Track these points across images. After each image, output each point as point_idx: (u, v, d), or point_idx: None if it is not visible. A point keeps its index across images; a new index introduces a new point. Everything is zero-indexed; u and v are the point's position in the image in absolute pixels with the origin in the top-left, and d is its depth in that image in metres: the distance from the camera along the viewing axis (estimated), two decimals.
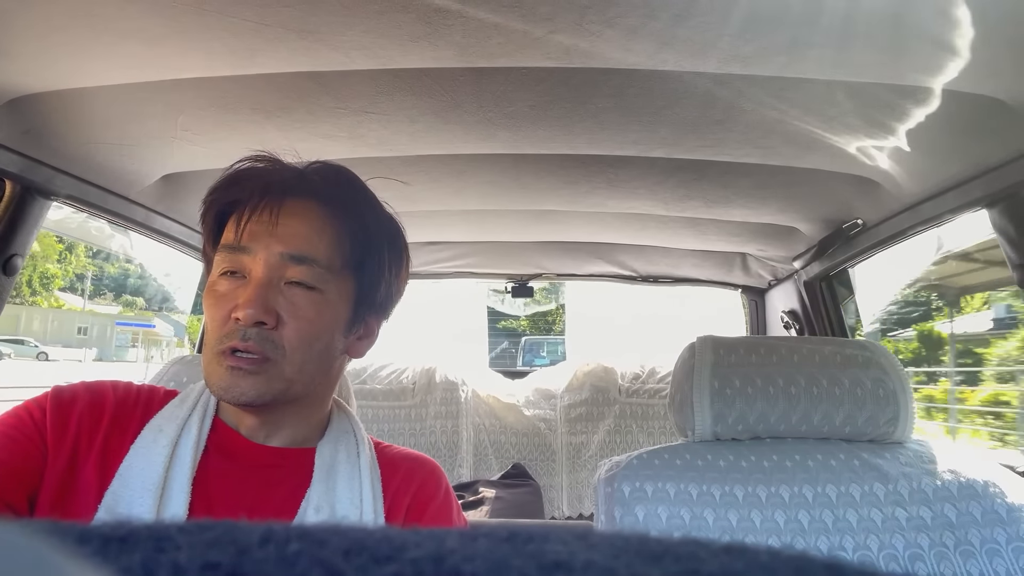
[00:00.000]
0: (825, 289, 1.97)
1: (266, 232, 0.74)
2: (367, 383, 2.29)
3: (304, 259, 0.74)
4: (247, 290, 0.72)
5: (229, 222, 0.77)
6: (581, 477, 2.28)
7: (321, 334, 0.76)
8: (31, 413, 0.73)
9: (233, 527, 0.16)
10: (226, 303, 0.73)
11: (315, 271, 0.75)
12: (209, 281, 0.77)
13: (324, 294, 0.76)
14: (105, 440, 0.73)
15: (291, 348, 0.73)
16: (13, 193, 1.17)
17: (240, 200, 0.76)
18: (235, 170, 0.79)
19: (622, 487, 1.03)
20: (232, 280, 0.74)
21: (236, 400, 0.72)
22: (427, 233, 2.05)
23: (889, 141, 1.17)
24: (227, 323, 0.72)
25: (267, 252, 0.74)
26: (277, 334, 0.72)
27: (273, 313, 0.72)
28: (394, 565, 0.14)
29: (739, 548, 0.16)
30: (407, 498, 0.82)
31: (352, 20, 0.86)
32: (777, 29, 0.85)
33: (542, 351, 12.60)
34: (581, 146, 1.30)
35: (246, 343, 0.71)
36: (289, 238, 0.74)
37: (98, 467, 0.72)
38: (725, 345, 1.14)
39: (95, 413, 0.75)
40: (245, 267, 0.74)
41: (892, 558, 0.98)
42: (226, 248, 0.75)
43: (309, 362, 0.75)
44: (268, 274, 0.73)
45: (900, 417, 1.08)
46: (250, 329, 0.71)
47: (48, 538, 0.13)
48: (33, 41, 0.89)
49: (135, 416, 0.77)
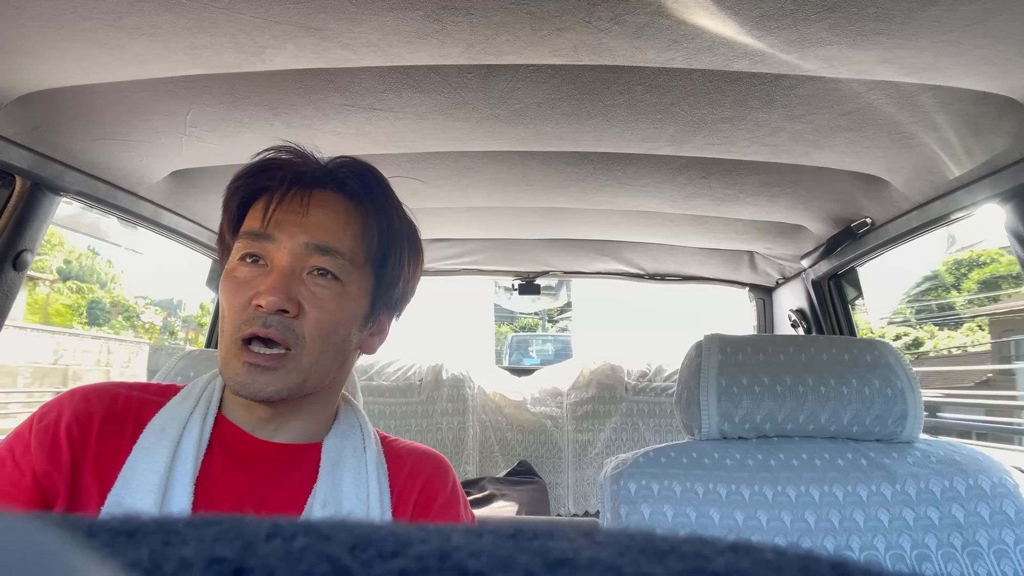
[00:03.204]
0: (833, 288, 1.96)
1: (292, 221, 0.74)
2: (374, 379, 2.29)
3: (329, 249, 0.75)
4: (270, 277, 0.72)
5: (252, 210, 0.77)
6: (587, 475, 2.28)
7: (339, 326, 0.76)
8: (14, 456, 0.71)
9: (239, 521, 0.16)
10: (246, 289, 0.73)
11: (339, 262, 0.75)
12: (228, 267, 0.77)
13: (345, 286, 0.76)
14: (98, 445, 0.73)
15: (311, 338, 0.73)
16: (23, 189, 1.18)
17: (267, 188, 0.76)
18: (264, 158, 0.79)
19: (628, 485, 1.03)
20: (253, 267, 0.74)
21: (254, 396, 0.72)
22: (434, 230, 2.05)
23: (898, 139, 1.16)
24: (246, 309, 0.72)
25: (292, 241, 0.74)
26: (298, 323, 0.73)
27: (295, 302, 0.72)
28: (400, 560, 0.14)
29: (745, 547, 0.16)
30: (414, 492, 0.82)
31: (360, 17, 0.86)
32: (786, 26, 0.84)
33: (530, 349, 12.10)
34: (589, 143, 1.30)
35: (267, 330, 0.71)
36: (315, 228, 0.75)
37: (96, 473, 0.71)
38: (732, 343, 1.14)
39: (82, 422, 0.73)
40: (268, 254, 0.74)
41: (899, 558, 0.98)
42: (249, 235, 0.75)
43: (326, 354, 0.76)
44: (292, 263, 0.74)
45: (908, 416, 1.07)
46: (272, 316, 0.71)
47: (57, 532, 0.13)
48: (43, 38, 0.89)
49: (128, 418, 0.76)
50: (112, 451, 0.72)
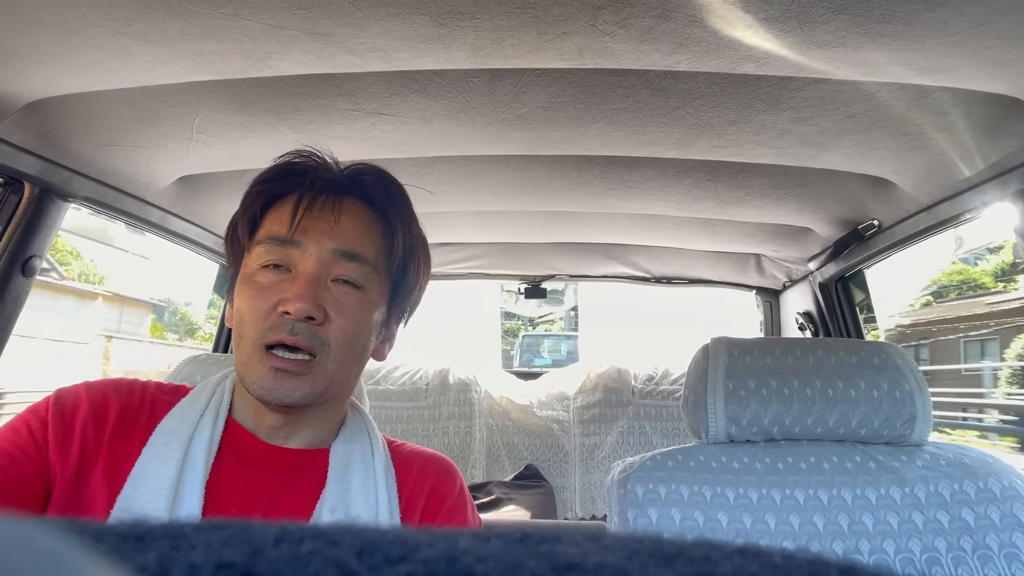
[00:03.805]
0: (840, 290, 1.95)
1: (322, 228, 0.75)
2: (381, 384, 2.29)
3: (356, 256, 0.75)
4: (297, 284, 0.72)
5: (273, 214, 0.77)
6: (594, 478, 2.27)
7: (362, 333, 0.77)
8: (30, 427, 0.71)
9: (247, 526, 0.16)
10: (271, 295, 0.72)
11: (364, 270, 0.76)
12: (247, 272, 0.76)
13: (367, 294, 0.76)
14: (111, 445, 0.72)
15: (336, 345, 0.73)
16: (31, 195, 1.19)
17: (289, 193, 0.76)
18: (287, 163, 0.79)
19: (635, 488, 1.03)
20: (276, 272, 0.74)
21: (279, 402, 0.71)
22: (440, 234, 2.05)
23: (905, 141, 1.16)
24: (271, 316, 0.72)
25: (320, 248, 0.74)
26: (324, 330, 0.73)
27: (322, 309, 0.72)
28: (407, 565, 0.14)
29: (753, 550, 0.16)
30: (422, 497, 0.82)
31: (366, 22, 0.86)
32: (792, 29, 0.84)
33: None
34: (594, 147, 1.30)
35: (295, 338, 0.71)
36: (343, 235, 0.75)
37: (106, 473, 0.71)
38: (739, 346, 1.13)
39: (98, 418, 0.73)
40: (292, 260, 0.74)
41: (909, 562, 0.97)
42: (273, 240, 0.75)
43: (349, 360, 0.76)
44: (318, 270, 0.74)
45: (917, 419, 1.07)
46: (299, 323, 0.71)
47: (65, 536, 0.14)
48: (51, 45, 0.90)
49: (141, 419, 0.75)
50: (124, 452, 0.72)
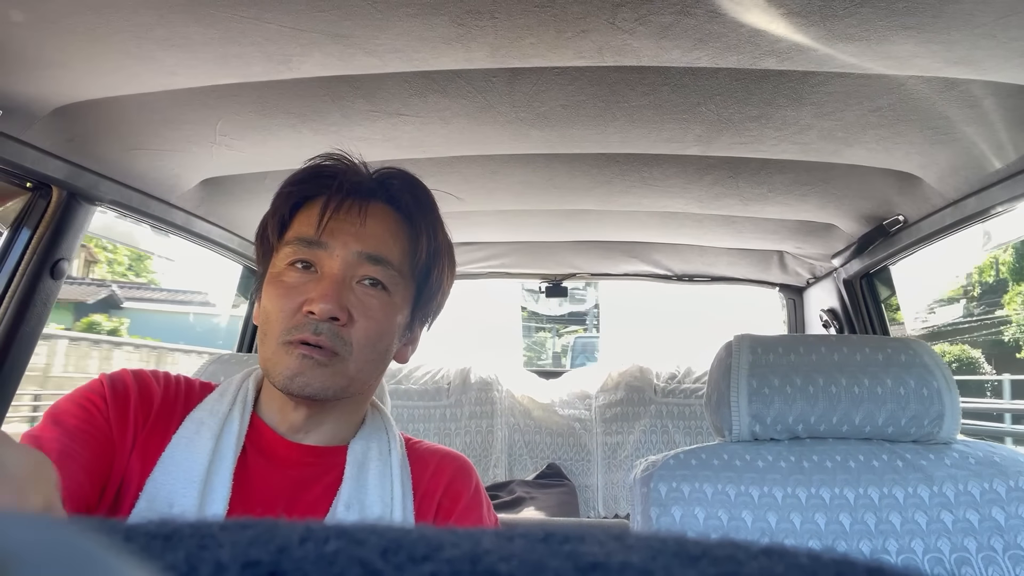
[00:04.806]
0: (865, 287, 1.93)
1: (348, 231, 0.76)
2: (402, 383, 2.30)
3: (381, 259, 0.76)
4: (322, 284, 0.73)
5: (302, 215, 0.79)
6: (617, 477, 2.26)
7: (384, 335, 0.77)
8: (96, 405, 0.73)
9: (273, 525, 0.16)
10: (296, 295, 0.74)
11: (389, 273, 0.77)
12: (274, 271, 0.77)
13: (392, 296, 0.77)
14: (150, 431, 0.75)
15: (358, 346, 0.74)
16: (59, 199, 1.21)
17: (318, 195, 0.78)
18: (318, 165, 0.81)
19: (658, 487, 1.02)
20: (302, 272, 0.76)
21: (300, 390, 0.72)
22: (460, 234, 2.06)
23: (931, 135, 1.14)
24: (296, 315, 0.73)
25: (345, 250, 0.75)
26: (347, 331, 0.74)
27: (346, 310, 0.73)
28: (431, 564, 0.14)
29: (779, 551, 0.16)
30: (437, 494, 0.83)
31: (385, 24, 0.87)
32: (814, 23, 0.83)
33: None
34: (614, 145, 1.30)
35: (318, 337, 0.72)
36: (369, 238, 0.76)
37: (141, 457, 0.73)
38: (763, 344, 1.12)
39: (146, 405, 0.76)
40: (319, 261, 0.75)
41: (937, 562, 0.95)
42: (301, 241, 0.76)
43: (371, 362, 0.77)
44: (344, 271, 0.75)
45: (945, 417, 1.05)
46: (323, 324, 0.72)
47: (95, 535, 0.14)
48: (77, 51, 0.91)
49: (177, 408, 0.78)
50: (159, 437, 0.74)
